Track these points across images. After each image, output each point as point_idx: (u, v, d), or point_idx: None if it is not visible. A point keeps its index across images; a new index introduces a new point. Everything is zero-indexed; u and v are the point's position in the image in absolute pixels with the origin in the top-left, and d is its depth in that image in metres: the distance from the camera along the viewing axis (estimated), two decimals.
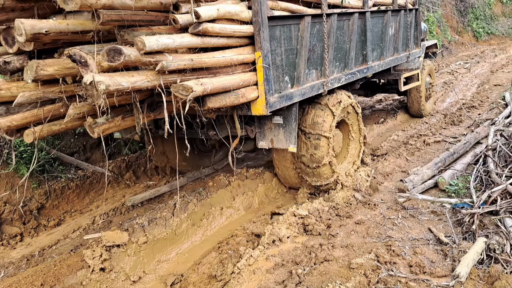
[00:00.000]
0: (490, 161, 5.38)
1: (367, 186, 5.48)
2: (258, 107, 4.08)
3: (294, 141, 4.63)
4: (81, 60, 3.12)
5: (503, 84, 11.49)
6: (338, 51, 5.39)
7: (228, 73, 3.75)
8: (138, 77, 3.13)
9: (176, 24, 3.45)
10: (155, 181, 6.51)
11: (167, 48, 3.24)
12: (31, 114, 3.70)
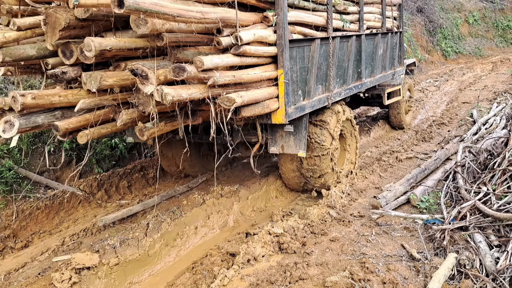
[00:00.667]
0: (459, 177, 5.52)
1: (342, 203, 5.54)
2: (278, 116, 4.70)
3: (304, 147, 5.22)
4: (142, 73, 3.63)
5: (470, 102, 11.87)
6: (339, 69, 6.07)
7: (257, 87, 4.38)
8: (193, 90, 3.76)
9: (219, 45, 4.04)
10: (128, 200, 6.39)
11: (217, 66, 3.83)
12: (84, 118, 4.13)
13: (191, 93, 3.70)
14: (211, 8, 3.87)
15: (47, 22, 3.76)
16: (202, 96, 3.80)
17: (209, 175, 6.92)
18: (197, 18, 3.58)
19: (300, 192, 6.31)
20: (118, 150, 7.25)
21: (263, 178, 6.65)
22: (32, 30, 4.10)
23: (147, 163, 7.14)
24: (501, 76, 15.96)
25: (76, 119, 4.09)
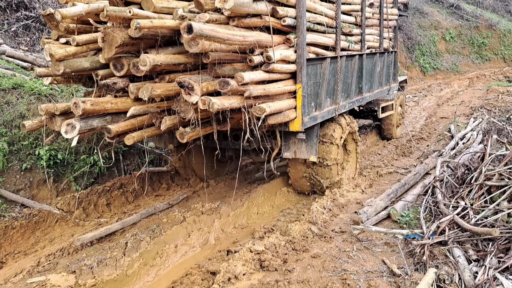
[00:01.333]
0: (438, 192, 5.58)
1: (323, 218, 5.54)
2: (296, 125, 5.30)
3: (315, 153, 5.81)
4: (188, 85, 4.20)
5: (448, 117, 12.12)
6: (344, 84, 6.70)
7: (280, 99, 5.00)
8: (232, 100, 4.37)
9: (251, 62, 4.65)
10: (107, 218, 6.27)
11: (252, 81, 4.47)
12: (130, 123, 4.68)
13: (231, 102, 4.35)
14: (248, 32, 4.54)
15: (105, 40, 4.37)
16: (239, 105, 4.42)
17: (189, 192, 6.86)
18: (240, 41, 4.31)
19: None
20: (97, 167, 7.14)
21: (245, 194, 6.62)
22: (87, 46, 4.69)
23: (126, 180, 7.03)
24: (478, 91, 16.37)
25: (124, 123, 4.65)
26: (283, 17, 5.02)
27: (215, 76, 4.51)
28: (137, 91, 4.50)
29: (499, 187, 4.97)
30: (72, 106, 4.34)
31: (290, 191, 6.78)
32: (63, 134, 4.43)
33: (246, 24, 4.64)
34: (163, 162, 8.13)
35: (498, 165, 5.38)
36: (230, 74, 4.52)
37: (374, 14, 8.05)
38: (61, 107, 4.77)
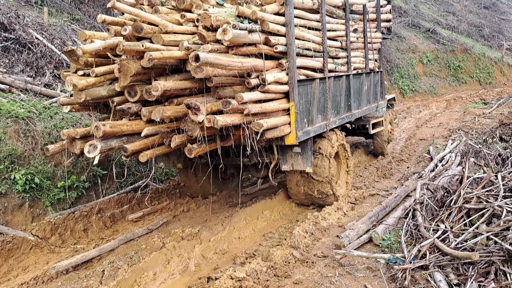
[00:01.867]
0: (418, 215, 5.61)
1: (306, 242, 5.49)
2: (291, 139, 5.82)
3: (310, 164, 6.28)
4: (195, 107, 4.78)
5: (427, 139, 12.31)
6: (334, 102, 7.20)
7: (275, 116, 5.57)
8: (234, 117, 4.96)
9: (249, 85, 5.27)
10: (83, 244, 6.09)
11: (250, 100, 5.09)
12: (143, 142, 5.20)
13: (233, 119, 4.93)
14: (245, 59, 5.16)
15: (121, 70, 4.96)
16: (239, 122, 5.01)
17: (169, 217, 6.74)
18: (238, 66, 4.98)
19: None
20: (74, 191, 6.98)
21: (226, 218, 6.54)
22: (104, 76, 5.28)
23: (105, 205, 6.89)
24: (455, 113, 16.74)
25: (138, 143, 5.18)
26: (275, 45, 5.60)
27: (218, 98, 5.10)
28: (149, 114, 5.04)
29: (478, 210, 5.02)
30: (93, 129, 4.87)
31: (272, 215, 6.73)
32: (86, 154, 4.94)
33: (243, 52, 5.21)
34: (142, 187, 8.00)
35: (476, 188, 5.45)
36: (230, 95, 5.09)
37: (358, 38, 8.58)
38: (81, 132, 5.35)
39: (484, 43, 31.77)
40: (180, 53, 4.88)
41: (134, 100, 5.14)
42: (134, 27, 5.00)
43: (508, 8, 44.94)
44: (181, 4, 5.79)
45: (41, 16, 11.69)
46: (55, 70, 9.51)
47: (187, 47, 4.88)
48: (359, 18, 8.62)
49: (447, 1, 39.88)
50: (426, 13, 33.17)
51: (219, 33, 4.90)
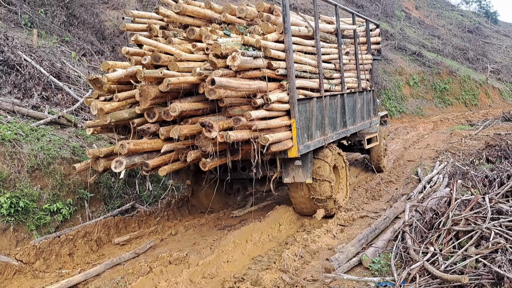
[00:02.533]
0: (407, 237, 5.60)
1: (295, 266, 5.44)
2: (293, 152, 6.39)
3: (310, 176, 6.80)
4: (209, 125, 5.43)
5: (415, 160, 12.42)
6: (330, 119, 7.79)
7: (279, 131, 6.18)
8: (244, 133, 5.63)
9: (255, 104, 5.93)
10: (69, 269, 5.95)
11: (257, 117, 5.76)
12: (162, 158, 5.82)
13: (243, 135, 5.59)
14: (251, 81, 5.85)
15: (142, 95, 5.62)
16: (248, 137, 5.66)
17: (157, 240, 6.64)
18: (246, 88, 5.66)
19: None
20: (60, 215, 6.85)
21: (215, 241, 6.46)
22: (125, 101, 5.97)
23: (91, 228, 6.76)
24: (442, 135, 16.95)
25: (157, 159, 5.79)
26: (277, 69, 6.27)
27: (228, 116, 5.79)
28: (166, 133, 5.74)
29: (466, 232, 5.03)
30: (119, 147, 5.49)
31: (261, 238, 6.66)
32: (113, 169, 5.58)
33: (249, 75, 5.91)
34: (129, 210, 7.90)
35: (464, 210, 5.48)
36: (239, 114, 5.76)
37: (350, 60, 9.20)
38: (104, 151, 6.07)
39: (469, 66, 32.48)
40: (193, 78, 5.63)
41: (152, 121, 5.84)
42: (153, 56, 5.67)
43: (491, 32, 46.23)
44: (191, 35, 6.53)
45: (31, 38, 11.70)
46: (43, 92, 9.46)
47: (199, 73, 5.60)
48: (350, 42, 9.21)
49: (432, 25, 40.91)
50: (412, 36, 33.95)
51: (229, 59, 5.59)
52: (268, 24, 6.57)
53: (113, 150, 5.98)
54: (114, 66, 6.17)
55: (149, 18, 7.03)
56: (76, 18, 15.89)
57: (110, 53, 15.32)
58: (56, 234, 6.61)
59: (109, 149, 6.04)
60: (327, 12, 32.14)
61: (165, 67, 5.68)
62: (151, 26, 6.73)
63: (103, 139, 8.70)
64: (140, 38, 5.96)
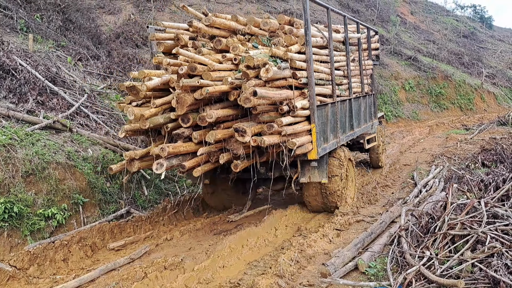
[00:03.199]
0: (403, 241, 5.59)
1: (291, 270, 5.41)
2: (313, 154, 6.86)
3: (326, 176, 7.26)
4: (242, 130, 5.90)
5: (411, 164, 12.43)
6: (341, 122, 8.32)
7: (301, 136, 6.64)
8: (275, 138, 6.14)
9: (282, 111, 6.42)
10: (63, 274, 5.90)
11: (286, 123, 6.32)
12: (195, 160, 6.21)
13: (274, 139, 6.13)
14: (281, 90, 6.41)
15: (178, 102, 6.09)
16: (278, 141, 6.19)
17: (152, 245, 6.60)
18: (278, 97, 6.26)
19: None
20: (54, 220, 6.81)
21: (210, 246, 6.43)
22: (161, 107, 6.34)
23: (86, 233, 6.72)
24: (437, 139, 16.99)
25: (192, 161, 6.21)
26: (300, 78, 6.77)
27: (258, 122, 6.28)
28: (199, 137, 6.18)
29: (462, 236, 5.03)
30: (159, 150, 5.92)
31: (257, 242, 6.63)
32: (154, 171, 5.97)
33: (276, 85, 6.44)
34: (125, 215, 7.86)
35: (460, 214, 5.48)
36: (267, 120, 6.30)
37: (355, 67, 9.75)
38: (139, 153, 6.52)
39: (464, 71, 32.63)
40: (225, 87, 6.12)
41: (186, 126, 6.28)
42: (189, 67, 6.20)
43: (486, 37, 46.52)
44: (218, 45, 7.14)
45: (26, 43, 11.67)
46: (38, 97, 9.42)
47: (231, 82, 6.12)
48: (355, 49, 9.81)
49: (427, 30, 41.13)
50: (407, 41, 34.10)
51: (263, 71, 6.10)
52: (291, 37, 7.13)
53: (147, 152, 6.48)
54: (149, 74, 6.58)
55: (177, 28, 7.69)
56: (72, 23, 15.89)
57: (106, 57, 15.31)
58: (51, 239, 6.56)
59: (143, 151, 6.53)
60: (323, 17, 32.30)
61: (199, 77, 6.16)
62: (179, 36, 7.30)
63: (98, 144, 8.66)
64: (181, 51, 6.56)
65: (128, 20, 26.21)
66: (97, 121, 9.77)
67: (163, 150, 5.86)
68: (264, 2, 33.99)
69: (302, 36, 7.02)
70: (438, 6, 51.54)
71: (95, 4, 27.05)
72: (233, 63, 6.77)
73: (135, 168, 6.48)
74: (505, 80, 34.20)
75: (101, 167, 8.13)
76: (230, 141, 6.19)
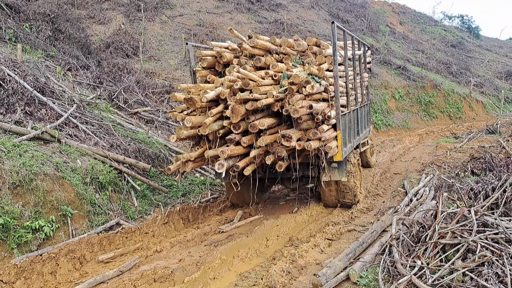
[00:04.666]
0: (395, 251, 5.58)
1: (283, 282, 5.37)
2: (338, 156, 7.77)
3: (345, 175, 8.29)
4: (288, 136, 6.90)
5: (401, 173, 12.47)
6: (352, 129, 9.34)
7: (330, 141, 7.58)
8: (316, 143, 7.12)
9: (318, 120, 7.38)
10: None
11: (324, 130, 7.36)
12: (245, 160, 7.18)
13: (316, 144, 7.13)
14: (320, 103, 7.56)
15: (233, 112, 6.99)
16: (318, 146, 7.17)
17: (142, 257, 6.52)
18: (321, 109, 7.39)
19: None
20: (42, 232, 6.69)
21: (201, 257, 6.36)
22: (215, 116, 7.18)
23: (74, 246, 6.61)
24: (427, 147, 17.09)
25: (243, 161, 7.14)
26: (330, 92, 7.83)
27: (299, 129, 7.31)
28: (248, 141, 7.14)
29: (453, 245, 5.03)
30: (220, 153, 6.89)
31: (248, 253, 6.58)
32: (216, 170, 6.89)
33: (314, 98, 7.50)
34: (114, 226, 7.76)
35: (451, 223, 5.48)
36: (306, 127, 7.35)
37: (358, 79, 10.84)
38: (194, 155, 7.38)
39: (453, 80, 33.02)
40: (271, 99, 7.08)
41: (238, 132, 7.20)
42: (243, 83, 7.21)
43: (473, 47, 47.20)
44: (258, 63, 8.17)
45: (15, 53, 11.58)
46: (27, 107, 9.33)
47: (276, 96, 7.12)
48: (357, 64, 10.81)
49: (416, 40, 41.64)
50: (397, 51, 34.48)
51: (309, 87, 7.17)
52: (322, 57, 8.36)
53: (200, 154, 7.43)
54: (204, 88, 7.52)
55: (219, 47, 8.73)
56: (61, 33, 15.82)
57: (96, 67, 15.24)
58: (38, 252, 6.44)
59: (197, 153, 7.42)
60: (319, 29, 32.62)
61: (249, 91, 7.12)
62: (222, 54, 8.33)
63: (87, 154, 8.57)
64: (241, 70, 7.54)
65: (118, 30, 26.18)
66: (86, 131, 9.68)
67: (224, 152, 6.85)
68: (255, 12, 34.21)
69: (330, 56, 8.28)
70: (427, 16, 52.27)
71: (85, 14, 26.99)
72: (273, 78, 7.75)
73: (189, 168, 7.42)
74: (493, 89, 34.67)
75: (90, 178, 8.04)
76: (274, 145, 7.11)
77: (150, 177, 9.81)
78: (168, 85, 16.71)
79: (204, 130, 7.05)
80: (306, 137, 7.23)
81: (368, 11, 40.58)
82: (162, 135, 12.47)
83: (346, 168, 8.43)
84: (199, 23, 30.20)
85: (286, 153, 7.07)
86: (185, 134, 7.29)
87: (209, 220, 8.71)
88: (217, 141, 7.37)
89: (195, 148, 7.73)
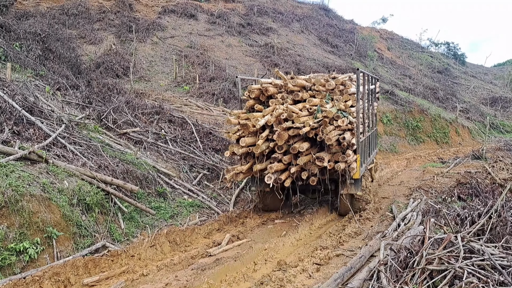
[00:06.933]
0: (383, 276, 5.58)
1: None
2: (357, 175, 9.45)
3: (360, 189, 9.81)
4: (322, 158, 8.79)
5: (389, 197, 12.55)
6: (366, 152, 10.76)
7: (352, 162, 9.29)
8: (343, 164, 8.99)
9: (343, 146, 9.09)
10: None
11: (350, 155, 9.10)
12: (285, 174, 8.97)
13: (343, 165, 8.92)
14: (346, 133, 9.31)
15: (279, 136, 8.90)
16: (344, 166, 8.96)
17: (128, 281, 6.40)
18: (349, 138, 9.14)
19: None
20: (26, 254, 6.56)
21: (188, 282, 6.28)
22: (264, 138, 9.05)
23: (59, 269, 6.48)
24: (415, 172, 17.26)
25: (284, 174, 8.97)
26: (353, 123, 9.54)
27: (329, 153, 9.03)
28: (288, 159, 8.96)
29: (440, 271, 5.05)
30: (269, 168, 8.85)
31: (236, 278, 6.51)
32: (266, 181, 8.80)
33: (341, 129, 9.29)
34: (100, 249, 7.63)
35: (438, 249, 5.52)
36: (334, 151, 9.06)
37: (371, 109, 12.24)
38: (245, 168, 9.23)
39: (439, 105, 33.64)
40: (308, 128, 8.89)
41: (280, 152, 9.04)
42: (288, 114, 9.08)
43: (459, 73, 48.28)
44: (296, 97, 9.87)
45: (4, 72, 11.55)
46: (14, 127, 9.26)
47: (312, 125, 8.90)
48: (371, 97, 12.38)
49: (404, 65, 42.49)
50: (385, 76, 35.14)
51: (340, 121, 9.07)
52: (347, 95, 10.18)
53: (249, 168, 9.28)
54: (256, 116, 9.32)
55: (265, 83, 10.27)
56: (52, 52, 15.84)
57: (85, 87, 15.22)
58: (22, 275, 6.30)
59: (246, 166, 9.22)
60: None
61: (291, 121, 8.99)
62: (267, 88, 9.98)
63: (74, 175, 8.49)
64: (290, 107, 9.19)
65: (109, 50, 26.28)
66: (74, 152, 9.61)
67: (272, 168, 8.80)
68: (246, 35, 34.70)
69: (353, 93, 10.15)
70: (413, 43, 53.51)
71: (76, 34, 27.09)
72: (308, 111, 9.45)
73: (240, 178, 9.46)
74: (478, 115, 35.35)
75: (76, 199, 7.95)
76: (308, 164, 8.89)
77: (137, 198, 9.73)
78: (158, 105, 16.74)
79: (256, 150, 8.93)
80: (334, 159, 8.96)
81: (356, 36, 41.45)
82: (151, 156, 12.42)
83: (361, 184, 9.86)
84: (190, 45, 30.51)
85: (318, 171, 8.82)
86: (240, 152, 9.19)
87: (196, 243, 8.62)
88: (263, 158, 9.22)
89: (242, 161, 9.47)
